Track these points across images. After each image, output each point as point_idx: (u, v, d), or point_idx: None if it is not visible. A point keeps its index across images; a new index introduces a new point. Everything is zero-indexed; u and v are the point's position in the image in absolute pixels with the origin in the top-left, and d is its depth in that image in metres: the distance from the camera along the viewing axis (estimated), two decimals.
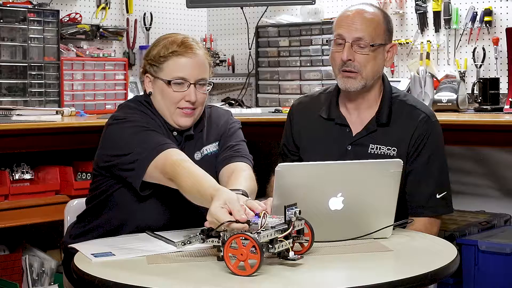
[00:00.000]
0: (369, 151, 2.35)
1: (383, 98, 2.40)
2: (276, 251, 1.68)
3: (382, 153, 2.34)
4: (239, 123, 2.39)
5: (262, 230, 1.65)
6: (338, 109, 2.42)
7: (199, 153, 2.27)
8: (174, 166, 2.01)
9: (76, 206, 2.43)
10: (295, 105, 2.56)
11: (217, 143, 2.30)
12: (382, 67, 2.40)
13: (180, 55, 2.17)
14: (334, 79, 2.44)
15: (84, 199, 2.38)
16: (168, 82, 2.17)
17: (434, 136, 2.37)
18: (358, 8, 2.37)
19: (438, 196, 2.35)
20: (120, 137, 2.15)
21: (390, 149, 2.34)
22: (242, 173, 2.15)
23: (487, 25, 3.62)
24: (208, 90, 2.25)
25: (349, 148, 2.38)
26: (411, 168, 2.34)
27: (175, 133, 2.24)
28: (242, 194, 1.94)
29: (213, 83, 2.26)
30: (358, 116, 2.40)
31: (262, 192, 2.48)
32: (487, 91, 3.38)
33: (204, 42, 4.53)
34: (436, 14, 3.79)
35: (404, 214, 2.30)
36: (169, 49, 2.18)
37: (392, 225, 1.97)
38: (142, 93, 2.36)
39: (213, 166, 2.25)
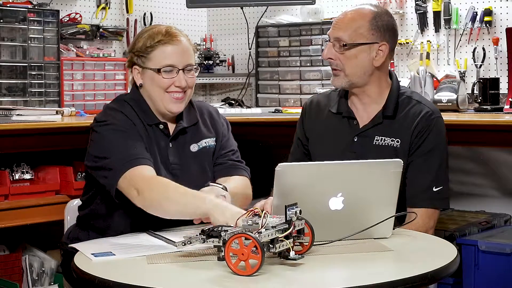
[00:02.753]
0: (374, 142, 2.42)
1: (390, 93, 2.46)
2: (277, 251, 1.68)
3: (386, 144, 2.40)
4: (229, 123, 2.46)
5: (263, 230, 1.65)
6: (346, 104, 2.51)
7: (196, 145, 2.32)
8: (149, 181, 2.07)
9: (76, 206, 2.43)
10: (308, 103, 2.65)
11: (214, 138, 2.36)
12: (370, 65, 2.42)
13: (167, 43, 2.23)
14: None
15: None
16: (158, 70, 2.22)
17: (436, 131, 2.42)
18: (352, 9, 2.46)
19: (434, 189, 2.38)
20: (99, 141, 2.18)
21: (394, 140, 2.40)
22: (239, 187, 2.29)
23: (487, 25, 3.62)
24: (196, 74, 2.30)
25: (355, 140, 2.44)
26: (411, 159, 2.40)
27: (161, 126, 2.27)
28: (222, 188, 2.13)
29: (198, 68, 2.33)
30: (365, 110, 2.48)
31: (262, 192, 2.49)
32: (487, 91, 3.38)
33: (204, 42, 4.53)
34: (436, 14, 3.79)
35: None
36: (154, 39, 2.23)
37: (393, 216, 1.96)
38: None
39: (210, 158, 2.33)
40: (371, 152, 2.36)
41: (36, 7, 3.61)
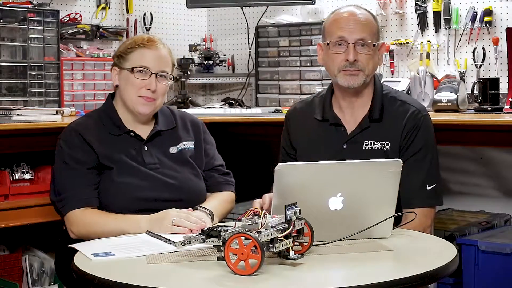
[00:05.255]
0: (363, 147, 2.41)
1: (375, 95, 2.46)
2: (276, 251, 1.68)
3: (376, 148, 2.40)
4: (204, 126, 2.57)
5: (262, 230, 1.65)
6: (332, 110, 2.49)
7: (175, 148, 2.42)
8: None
9: None
10: (291, 111, 2.63)
11: (193, 142, 2.47)
12: (377, 64, 2.48)
13: (145, 47, 2.36)
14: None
15: None
16: (132, 70, 2.34)
17: (424, 130, 2.42)
18: (351, 11, 2.44)
19: (428, 188, 2.39)
20: (54, 172, 2.35)
21: (384, 144, 2.40)
22: (225, 203, 2.45)
23: (487, 25, 3.62)
24: (169, 84, 2.40)
25: (345, 147, 2.43)
26: (402, 160, 2.37)
27: (132, 133, 2.37)
28: (209, 214, 2.28)
29: (175, 77, 2.46)
30: (351, 115, 2.46)
31: (262, 192, 2.49)
32: (487, 91, 3.37)
33: (204, 42, 4.53)
34: (436, 14, 3.79)
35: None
36: (135, 42, 2.38)
37: (393, 216, 1.96)
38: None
39: (189, 160, 2.42)
40: (361, 158, 2.27)
41: (36, 7, 3.61)
